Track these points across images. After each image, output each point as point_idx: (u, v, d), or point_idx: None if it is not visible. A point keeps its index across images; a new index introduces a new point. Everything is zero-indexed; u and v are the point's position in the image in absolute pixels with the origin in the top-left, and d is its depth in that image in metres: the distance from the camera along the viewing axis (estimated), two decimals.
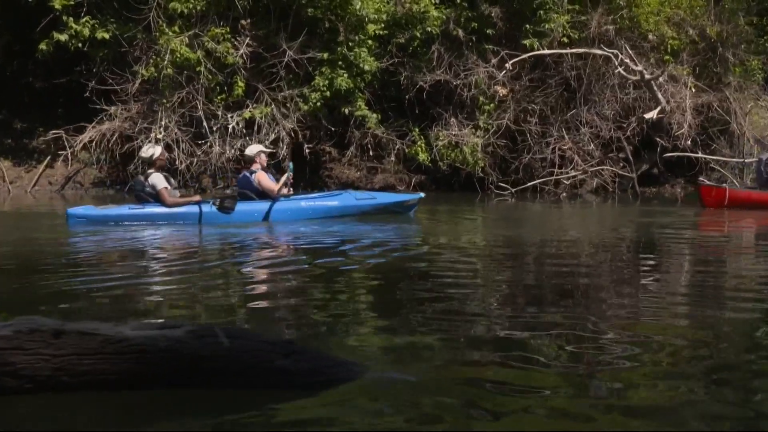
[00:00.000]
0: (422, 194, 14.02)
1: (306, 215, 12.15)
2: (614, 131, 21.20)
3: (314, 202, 12.51)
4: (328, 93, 19.37)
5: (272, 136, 19.20)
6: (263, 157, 12.28)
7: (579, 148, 20.88)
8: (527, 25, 20.27)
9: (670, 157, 21.72)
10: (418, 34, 20.03)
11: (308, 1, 19.15)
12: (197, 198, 12.04)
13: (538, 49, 20.10)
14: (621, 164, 21.41)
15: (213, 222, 11.39)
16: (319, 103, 19.38)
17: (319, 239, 10.40)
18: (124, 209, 11.51)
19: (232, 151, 19.26)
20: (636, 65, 19.99)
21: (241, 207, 11.68)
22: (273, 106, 19.27)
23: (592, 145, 20.94)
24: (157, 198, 11.46)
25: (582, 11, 20.87)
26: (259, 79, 19.49)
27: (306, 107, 19.44)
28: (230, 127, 18.85)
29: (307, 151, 19.80)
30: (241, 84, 19.03)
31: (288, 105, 19.50)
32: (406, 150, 20.26)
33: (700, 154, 21.00)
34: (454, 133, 20.04)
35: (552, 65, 20.84)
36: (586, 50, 19.95)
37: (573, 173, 20.50)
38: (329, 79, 19.32)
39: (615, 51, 19.66)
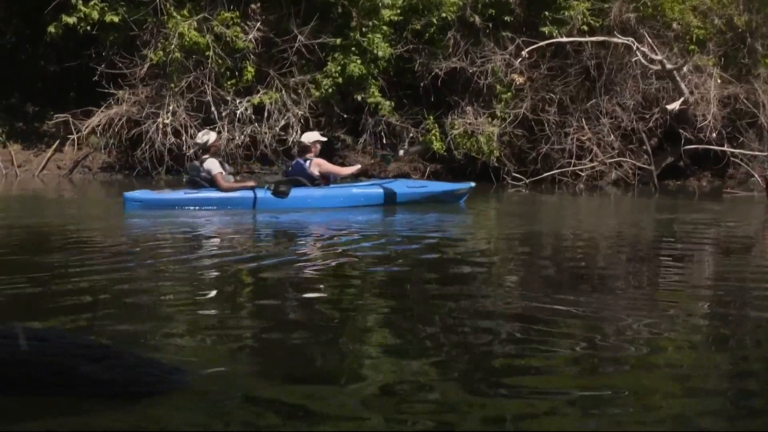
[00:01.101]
0: (473, 183, 14.03)
1: (357, 202, 12.25)
2: (636, 122, 20.59)
3: (366, 190, 12.61)
4: (340, 79, 18.99)
5: (282, 123, 18.83)
6: (318, 146, 12.43)
7: (599, 139, 20.29)
8: (546, 12, 19.71)
9: (695, 150, 21.06)
10: (435, 21, 19.57)
11: None
12: (252, 183, 12.32)
13: (557, 37, 19.52)
14: (643, 156, 20.76)
15: (267, 207, 11.64)
16: (331, 90, 19.00)
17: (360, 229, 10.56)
18: (180, 194, 11.77)
19: (242, 137, 18.93)
20: (656, 54, 19.33)
21: (295, 193, 11.85)
22: (283, 92, 18.90)
23: (612, 136, 20.34)
24: (212, 183, 11.65)
25: None
26: (269, 65, 19.14)
27: (318, 93, 19.08)
28: (239, 113, 18.47)
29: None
30: (250, 69, 18.71)
31: (299, 91, 19.13)
32: (420, 138, 19.81)
33: (723, 147, 20.28)
34: (469, 121, 19.55)
35: (572, 54, 20.26)
36: (601, 38, 19.35)
37: (591, 164, 19.87)
38: (342, 65, 18.94)
39: (630, 39, 19.00)
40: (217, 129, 18.78)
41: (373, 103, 19.25)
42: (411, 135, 19.85)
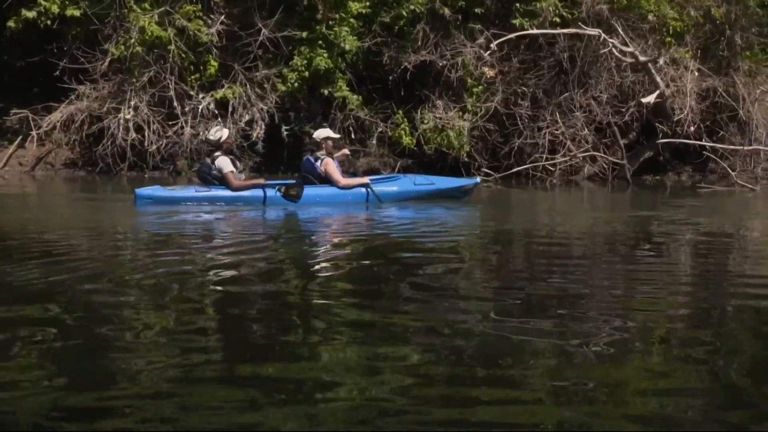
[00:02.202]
0: (478, 179, 14.51)
1: (366, 199, 12.39)
2: (612, 116, 20.19)
3: (375, 188, 12.62)
4: (306, 73, 18.63)
5: (246, 118, 18.48)
6: (329, 143, 12.42)
7: (572, 133, 19.89)
8: (517, 4, 19.32)
9: (676, 144, 20.66)
10: (405, 13, 19.20)
11: None
12: (262, 181, 12.40)
13: (528, 30, 19.13)
14: (618, 150, 20.35)
15: (278, 204, 11.81)
16: (297, 84, 18.65)
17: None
18: (191, 191, 11.98)
19: (206, 132, 18.55)
20: (627, 46, 18.93)
21: (305, 191, 12.03)
22: (248, 86, 18.54)
23: (586, 130, 19.94)
24: (222, 181, 11.74)
25: None
26: (234, 59, 18.78)
27: (284, 88, 18.72)
28: (200, 108, 18.13)
29: (285, 133, 19.09)
30: (214, 63, 18.36)
31: (265, 86, 18.77)
32: (390, 133, 19.45)
33: (697, 141, 19.84)
34: (439, 116, 19.17)
35: (545, 46, 19.87)
36: (568, 30, 18.94)
37: (563, 159, 19.47)
38: (308, 59, 18.59)
39: (598, 31, 18.61)
40: (179, 124, 18.49)
41: (341, 98, 18.88)
42: (380, 129, 19.49)
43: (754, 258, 8.51)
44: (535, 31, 18.71)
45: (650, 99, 19.75)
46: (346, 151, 13.90)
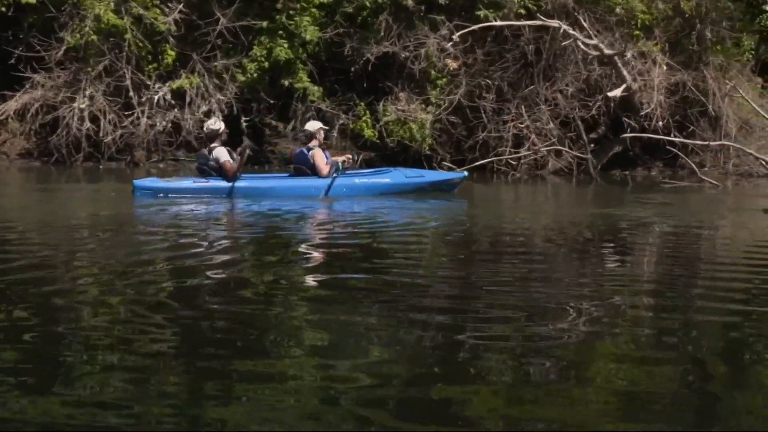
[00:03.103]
0: (465, 173, 14.65)
1: (360, 192, 12.62)
2: (579, 110, 19.92)
3: (368, 180, 12.97)
4: (266, 64, 18.35)
5: (204, 108, 18.20)
6: (322, 134, 12.81)
7: (537, 127, 19.62)
8: None
9: (646, 139, 20.39)
10: (368, 3, 18.91)
11: None
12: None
13: (492, 21, 18.84)
14: (587, 144, 20.05)
15: (274, 196, 12.01)
16: (256, 74, 18.37)
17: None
18: (188, 182, 12.10)
19: (164, 123, 18.31)
20: (591, 39, 18.65)
21: (298, 183, 12.35)
22: (206, 76, 18.26)
23: (552, 124, 19.66)
24: (220, 171, 11.84)
25: None
26: (192, 49, 18.50)
27: (243, 78, 18.44)
28: (156, 98, 17.84)
29: (244, 124, 18.81)
30: (171, 53, 18.07)
31: (224, 76, 18.49)
32: (351, 125, 19.17)
33: (663, 136, 19.54)
34: (400, 108, 18.89)
35: (510, 38, 19.58)
36: (527, 22, 18.66)
37: (525, 153, 19.21)
38: (268, 49, 18.31)
39: (558, 22, 18.32)
40: (135, 114, 18.21)
41: (302, 89, 18.60)
42: (341, 121, 19.21)
43: (702, 254, 8.35)
44: (496, 23, 18.45)
45: (617, 93, 19.47)
46: (349, 155, 13.99)
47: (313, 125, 12.94)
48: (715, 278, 6.81)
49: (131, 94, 17.98)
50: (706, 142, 19.75)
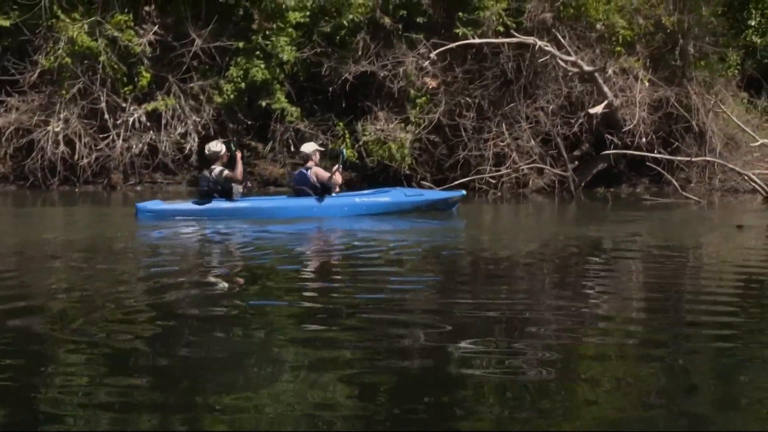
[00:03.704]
0: (464, 192, 14.96)
1: (361, 211, 12.75)
2: (560, 127, 19.75)
3: (368, 199, 13.07)
4: (243, 84, 18.20)
5: (180, 130, 18.03)
6: (318, 155, 12.97)
7: (518, 144, 19.44)
8: (460, 13, 18.89)
9: (630, 156, 20.19)
10: (346, 23, 18.77)
11: None
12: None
13: (470, 39, 18.69)
14: (567, 162, 19.84)
15: (275, 216, 12.11)
16: (233, 95, 18.22)
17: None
18: (190, 204, 12.19)
19: (140, 145, 18.14)
20: (569, 56, 18.50)
21: (299, 203, 12.49)
22: (182, 98, 18.10)
23: (533, 142, 19.48)
24: (222, 193, 12.00)
25: None
26: (168, 70, 18.35)
27: (220, 99, 18.29)
28: (131, 120, 17.68)
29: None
30: (146, 75, 17.91)
31: (200, 97, 18.33)
32: (330, 145, 18.99)
33: (645, 153, 19.34)
34: (379, 128, 18.71)
35: (489, 56, 19.43)
36: (502, 40, 18.51)
37: (504, 171, 19.01)
38: (244, 70, 18.16)
39: (534, 39, 18.17)
40: (111, 137, 18.05)
41: (279, 109, 18.44)
42: (320, 142, 19.01)
43: (668, 272, 8.18)
44: (473, 40, 18.25)
45: (598, 109, 19.31)
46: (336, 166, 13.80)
47: (308, 147, 13.08)
48: (678, 295, 6.85)
49: (106, 116, 17.82)
50: (688, 158, 19.55)
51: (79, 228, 11.93)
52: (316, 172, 12.68)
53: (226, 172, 12.13)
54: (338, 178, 12.95)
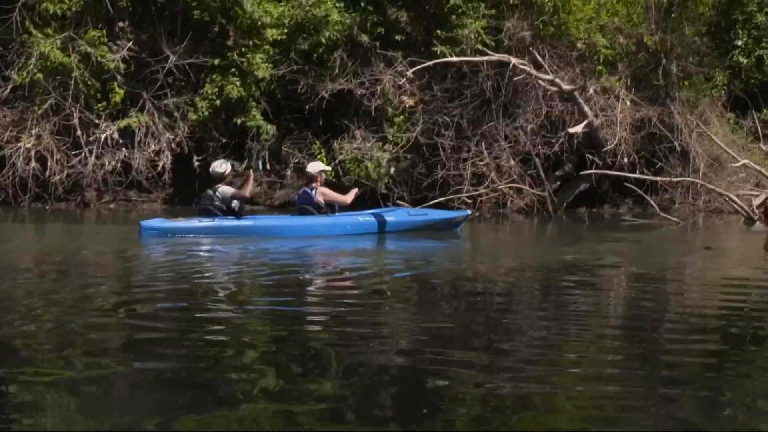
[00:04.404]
0: (469, 212, 15.04)
1: (364, 230, 12.76)
2: (541, 146, 19.54)
3: (371, 218, 13.03)
4: (218, 102, 18.02)
5: (153, 147, 17.84)
6: (323, 176, 13.05)
7: (498, 164, 19.23)
8: (438, 31, 18.73)
9: (612, 176, 19.99)
10: (323, 40, 18.60)
11: (196, 2, 17.82)
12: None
13: (451, 57, 18.51)
14: (545, 182, 19.61)
15: (278, 234, 12.11)
16: (208, 113, 18.03)
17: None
18: (194, 222, 12.08)
19: (113, 163, 17.95)
20: (547, 74, 18.31)
21: (303, 221, 12.51)
22: (155, 115, 17.92)
23: (512, 161, 19.27)
24: (225, 211, 12.02)
25: (501, 16, 19.20)
26: (142, 87, 18.17)
27: (195, 117, 18.10)
28: (103, 137, 17.50)
29: (196, 164, 18.42)
30: (119, 91, 17.73)
31: (175, 114, 18.15)
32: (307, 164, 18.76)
33: (624, 173, 19.12)
34: (356, 147, 18.51)
35: (469, 75, 19.24)
36: (476, 59, 18.32)
37: (483, 191, 18.79)
38: (219, 87, 17.98)
39: (508, 57, 17.98)
40: (83, 154, 17.86)
41: (254, 127, 18.25)
42: (296, 160, 18.84)
43: (626, 293, 8.03)
44: (448, 59, 18.07)
45: (578, 129, 19.12)
46: (356, 190, 13.95)
47: (314, 167, 13.13)
48: (640, 316, 6.81)
49: (79, 133, 17.61)
50: (668, 179, 19.32)
51: (82, 245, 11.91)
52: (322, 192, 12.75)
53: (233, 190, 12.20)
54: (347, 198, 13.07)
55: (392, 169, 18.32)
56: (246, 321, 6.33)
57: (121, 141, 17.86)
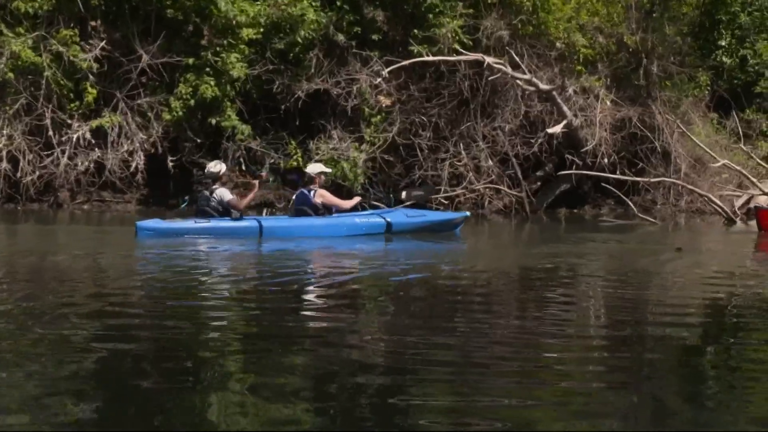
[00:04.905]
0: (468, 213, 14.79)
1: (361, 231, 12.61)
2: (521, 147, 19.38)
3: (368, 219, 12.93)
4: (192, 102, 17.83)
5: (125, 147, 17.66)
6: (323, 177, 12.94)
7: (476, 164, 19.07)
8: (415, 30, 18.56)
9: (598, 177, 19.82)
10: (300, 40, 18.43)
11: (170, 1, 17.65)
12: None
13: (427, 56, 18.35)
14: (522, 182, 19.44)
15: (273, 236, 12.03)
16: (182, 113, 17.85)
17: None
18: (190, 223, 12.04)
19: (86, 163, 17.77)
20: (524, 74, 18.15)
21: (299, 222, 12.45)
22: (128, 114, 17.74)
23: (490, 162, 19.11)
24: (221, 212, 11.96)
25: (479, 15, 19.04)
26: (116, 86, 17.99)
27: (169, 117, 17.92)
28: (75, 137, 17.31)
29: (170, 164, 18.24)
30: (92, 91, 17.55)
31: (148, 114, 17.97)
32: (282, 165, 18.63)
33: (602, 174, 18.97)
34: (332, 147, 18.33)
35: (446, 74, 19.08)
36: (449, 58, 18.17)
37: (459, 191, 18.63)
38: (193, 87, 17.79)
39: (481, 55, 17.82)
40: (56, 154, 17.69)
41: (229, 127, 18.07)
42: (272, 161, 18.66)
43: (585, 293, 7.88)
44: (425, 58, 17.92)
45: (557, 129, 18.97)
46: (358, 198, 14.01)
47: (313, 169, 13.07)
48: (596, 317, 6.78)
49: (51, 133, 17.42)
50: (647, 179, 19.17)
51: (78, 246, 11.67)
52: (321, 194, 12.63)
53: (230, 197, 12.13)
54: (347, 204, 13.02)
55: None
56: (233, 321, 6.28)
57: (93, 141, 17.64)
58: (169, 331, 5.75)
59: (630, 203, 18.16)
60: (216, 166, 12.42)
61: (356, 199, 13.42)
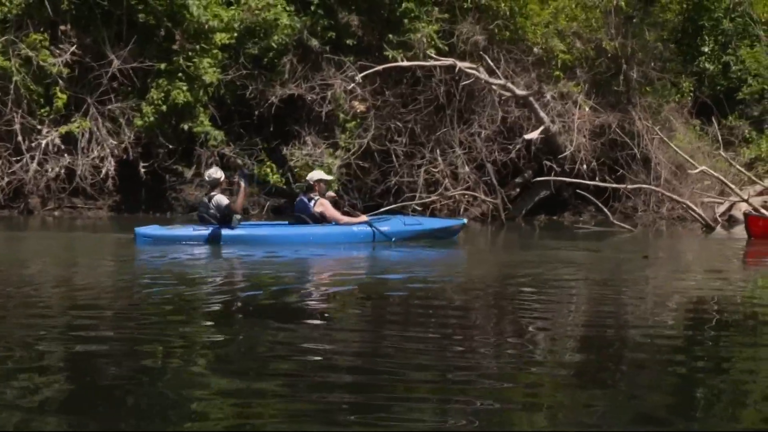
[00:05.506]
0: (465, 220, 14.75)
1: (359, 239, 12.57)
2: (498, 153, 19.19)
3: (364, 228, 12.78)
4: (164, 107, 17.63)
5: (95, 153, 17.45)
6: (322, 185, 12.71)
7: (452, 170, 18.87)
8: (390, 35, 18.37)
9: (578, 184, 19.60)
10: (274, 45, 18.24)
11: (142, 6, 17.46)
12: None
13: (401, 61, 18.16)
14: (497, 188, 19.22)
15: (274, 242, 11.95)
16: (154, 118, 17.64)
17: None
18: (189, 230, 12.05)
19: (56, 169, 17.56)
20: (499, 79, 17.96)
21: (296, 230, 12.35)
22: (99, 120, 17.53)
23: (467, 168, 18.91)
24: (220, 219, 11.85)
25: (455, 20, 18.85)
26: (87, 92, 17.79)
27: (140, 122, 17.72)
28: (44, 143, 17.11)
29: (142, 170, 18.03)
30: (62, 96, 17.34)
31: (119, 120, 17.76)
32: (256, 171, 18.41)
33: (578, 180, 18.74)
34: (306, 153, 18.13)
35: (422, 80, 18.89)
36: (421, 63, 17.99)
37: (434, 198, 18.42)
38: (165, 92, 17.60)
39: (453, 60, 17.63)
40: (25, 160, 17.48)
41: (202, 133, 17.87)
42: (246, 168, 18.44)
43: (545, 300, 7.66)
44: (398, 63, 17.73)
45: (534, 135, 18.78)
46: (332, 194, 13.80)
47: (313, 175, 12.93)
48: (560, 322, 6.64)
49: (20, 138, 17.21)
50: (625, 186, 18.96)
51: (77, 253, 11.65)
52: (322, 204, 12.50)
53: (226, 201, 12.01)
54: (349, 220, 12.83)
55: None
56: (223, 327, 6.21)
57: (63, 147, 17.44)
58: (143, 332, 5.70)
59: (606, 210, 17.92)
60: (216, 173, 12.28)
61: (362, 218, 13.16)
